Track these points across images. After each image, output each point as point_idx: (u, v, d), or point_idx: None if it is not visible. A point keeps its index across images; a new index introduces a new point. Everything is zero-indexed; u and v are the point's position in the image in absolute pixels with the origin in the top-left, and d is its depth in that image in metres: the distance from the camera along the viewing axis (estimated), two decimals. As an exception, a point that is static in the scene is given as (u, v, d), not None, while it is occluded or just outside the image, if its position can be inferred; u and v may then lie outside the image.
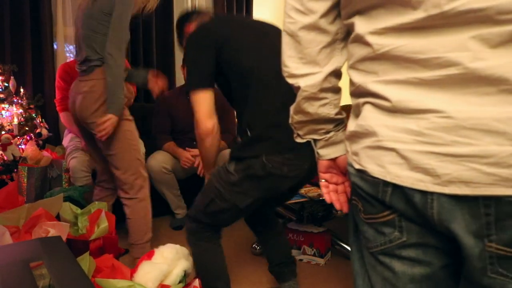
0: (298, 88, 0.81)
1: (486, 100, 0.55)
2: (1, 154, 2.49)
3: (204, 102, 1.44)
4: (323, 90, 0.80)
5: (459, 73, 0.56)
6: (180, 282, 1.57)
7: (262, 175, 1.41)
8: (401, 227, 0.68)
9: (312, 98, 0.81)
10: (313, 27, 0.76)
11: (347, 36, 0.76)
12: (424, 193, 0.61)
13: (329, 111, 0.83)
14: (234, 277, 2.02)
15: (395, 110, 0.63)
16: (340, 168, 0.89)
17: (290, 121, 0.89)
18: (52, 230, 1.67)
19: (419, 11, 0.59)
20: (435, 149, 0.59)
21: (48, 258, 1.15)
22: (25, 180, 2.42)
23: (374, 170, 0.67)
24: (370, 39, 0.66)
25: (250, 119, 1.44)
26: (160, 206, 2.86)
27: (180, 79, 3.62)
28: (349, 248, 2.32)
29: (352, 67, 0.72)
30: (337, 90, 0.83)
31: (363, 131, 0.68)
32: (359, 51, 0.70)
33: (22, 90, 2.75)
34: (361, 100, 0.70)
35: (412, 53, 0.61)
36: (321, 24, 0.76)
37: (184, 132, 2.83)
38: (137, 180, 1.98)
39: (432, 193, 0.61)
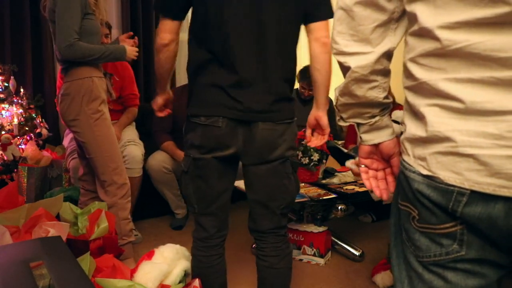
0: (348, 68, 0.77)
1: None
2: (1, 154, 2.49)
3: (165, 25, 1.38)
4: (374, 72, 0.76)
5: None
6: (180, 282, 1.57)
7: (188, 124, 1.44)
8: (462, 240, 0.65)
9: (362, 80, 0.77)
10: (370, 3, 0.72)
11: (402, 16, 0.72)
12: (508, 200, 0.58)
13: (378, 94, 0.79)
14: (234, 277, 2.02)
15: (468, 112, 0.59)
16: (382, 154, 0.86)
17: (335, 103, 0.85)
18: (52, 230, 1.67)
19: (501, 4, 0.54)
20: None
21: (48, 258, 1.14)
22: (25, 180, 2.42)
23: (449, 177, 0.62)
24: (440, 34, 0.61)
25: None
26: (160, 206, 2.86)
27: (180, 78, 3.62)
28: (348, 248, 2.33)
29: (412, 60, 0.68)
30: (387, 73, 0.79)
31: (431, 136, 0.64)
32: (422, 45, 0.65)
33: (22, 90, 2.75)
34: (424, 101, 0.66)
35: (491, 51, 0.56)
36: (379, 0, 0.72)
37: (185, 131, 2.83)
38: (109, 187, 1.99)
39: None
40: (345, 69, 0.78)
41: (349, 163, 1.71)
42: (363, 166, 0.89)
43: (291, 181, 1.47)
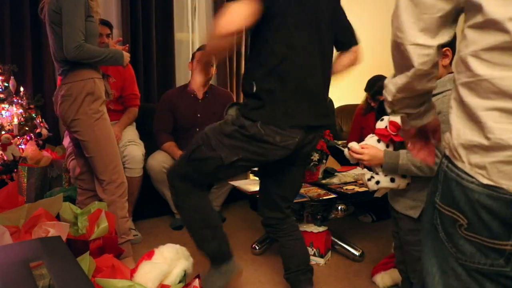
0: (410, 65, 0.76)
1: None
2: (1, 154, 2.49)
3: (246, 8, 1.30)
4: (433, 65, 0.76)
5: None
6: (180, 282, 1.57)
7: (254, 137, 1.44)
8: (509, 259, 0.64)
9: (424, 75, 0.77)
10: None
11: (463, 8, 0.71)
12: None
13: (432, 84, 0.81)
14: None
15: None
16: (427, 131, 0.91)
17: (390, 98, 0.86)
18: (52, 230, 1.67)
19: None
20: None
21: (48, 258, 1.15)
22: (25, 180, 2.42)
23: None
24: (511, 26, 0.58)
25: (272, 80, 1.44)
26: (160, 206, 2.86)
27: (180, 78, 3.61)
28: (348, 248, 2.33)
29: (474, 55, 0.65)
30: (438, 63, 0.79)
31: (492, 145, 0.62)
32: (487, 38, 0.62)
33: (22, 90, 2.75)
34: (483, 102, 0.63)
35: None
36: None
37: (185, 130, 2.83)
38: (108, 185, 2.01)
39: None
40: (404, 60, 0.77)
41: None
42: (409, 144, 0.96)
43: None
